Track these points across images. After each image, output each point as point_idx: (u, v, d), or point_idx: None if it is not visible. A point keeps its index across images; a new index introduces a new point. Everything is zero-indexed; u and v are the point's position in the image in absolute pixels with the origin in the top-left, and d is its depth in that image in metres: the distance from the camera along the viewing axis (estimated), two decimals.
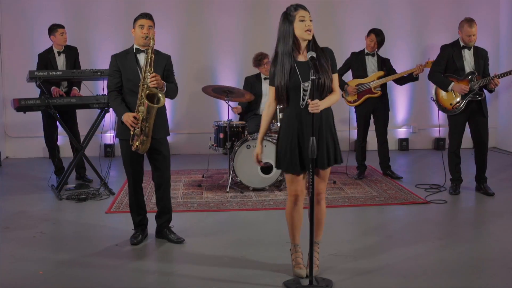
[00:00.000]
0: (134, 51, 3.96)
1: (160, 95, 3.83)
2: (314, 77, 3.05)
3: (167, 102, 7.97)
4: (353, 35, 7.55)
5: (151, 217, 4.24)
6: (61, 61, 5.95)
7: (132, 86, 3.90)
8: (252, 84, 6.16)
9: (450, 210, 4.96)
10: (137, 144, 3.85)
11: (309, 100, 3.13)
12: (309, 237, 3.22)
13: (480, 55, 5.30)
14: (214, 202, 5.21)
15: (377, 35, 6.08)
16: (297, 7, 3.29)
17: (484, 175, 5.48)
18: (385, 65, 6.12)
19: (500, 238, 4.15)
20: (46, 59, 5.89)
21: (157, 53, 3.94)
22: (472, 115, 5.35)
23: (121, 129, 3.94)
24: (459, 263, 3.64)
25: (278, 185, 5.66)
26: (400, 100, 8.09)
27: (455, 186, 5.48)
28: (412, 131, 8.15)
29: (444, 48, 5.43)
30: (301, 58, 3.29)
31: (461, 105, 5.27)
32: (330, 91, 3.30)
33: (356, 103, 6.11)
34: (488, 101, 8.05)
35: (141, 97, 3.79)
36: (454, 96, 5.31)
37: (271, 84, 3.34)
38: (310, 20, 3.27)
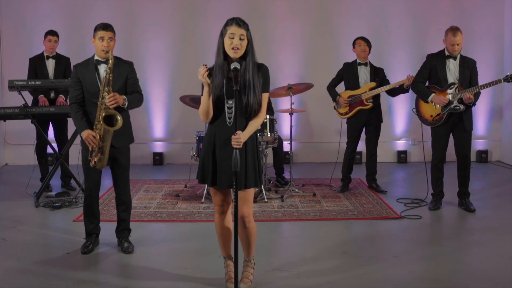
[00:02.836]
0: (94, 62, 3.96)
1: (118, 117, 3.82)
2: (234, 88, 2.98)
3: (162, 112, 8.08)
4: (350, 45, 7.42)
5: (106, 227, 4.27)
6: (50, 66, 6.08)
7: (92, 97, 3.91)
8: None
9: (421, 226, 4.76)
10: (95, 160, 3.89)
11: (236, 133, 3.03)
12: (234, 253, 3.14)
13: (467, 66, 5.07)
14: (184, 212, 5.19)
15: (367, 41, 5.93)
16: (232, 22, 3.13)
17: (466, 190, 5.26)
18: (378, 75, 5.95)
19: (458, 257, 3.96)
20: (35, 63, 6.05)
21: (118, 60, 3.93)
22: (454, 128, 5.14)
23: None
24: (404, 283, 3.49)
25: (255, 197, 5.57)
26: (399, 111, 7.88)
27: (436, 201, 5.27)
28: (412, 144, 7.91)
29: (428, 57, 5.24)
30: (231, 74, 3.11)
31: (442, 117, 5.08)
32: (257, 112, 3.20)
33: (348, 115, 5.96)
34: (489, 113, 7.87)
35: (100, 114, 3.79)
36: (434, 107, 5.12)
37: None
38: (241, 39, 3.11)
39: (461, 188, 5.27)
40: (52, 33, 6.09)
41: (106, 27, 3.88)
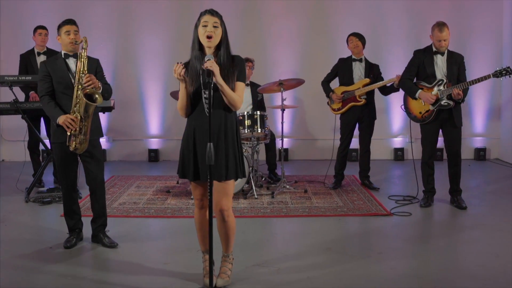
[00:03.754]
0: (63, 56, 4.00)
1: (97, 95, 3.85)
2: (206, 80, 2.96)
3: (157, 109, 8.06)
4: (346, 43, 7.37)
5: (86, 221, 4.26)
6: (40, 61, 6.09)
7: (63, 88, 3.93)
8: None
9: (410, 224, 4.69)
10: (75, 144, 3.87)
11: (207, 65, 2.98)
12: (209, 246, 3.12)
13: (454, 61, 5.02)
14: (173, 208, 5.16)
15: (359, 37, 5.87)
16: (205, 12, 3.16)
17: (458, 187, 5.19)
18: (373, 71, 5.89)
19: (444, 255, 3.89)
20: (26, 59, 6.07)
21: (87, 58, 3.96)
22: (443, 125, 5.08)
23: (55, 133, 3.96)
24: (385, 280, 3.43)
25: (245, 193, 5.54)
26: (396, 108, 7.78)
27: (427, 198, 5.21)
28: (409, 141, 7.83)
29: (416, 53, 5.19)
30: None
31: (431, 113, 5.02)
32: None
33: (340, 111, 5.91)
34: (488, 111, 7.78)
35: (77, 97, 3.82)
36: (423, 104, 5.06)
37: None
38: (215, 26, 3.11)
39: (453, 185, 5.20)
40: (41, 27, 6.09)
41: (70, 21, 3.98)
